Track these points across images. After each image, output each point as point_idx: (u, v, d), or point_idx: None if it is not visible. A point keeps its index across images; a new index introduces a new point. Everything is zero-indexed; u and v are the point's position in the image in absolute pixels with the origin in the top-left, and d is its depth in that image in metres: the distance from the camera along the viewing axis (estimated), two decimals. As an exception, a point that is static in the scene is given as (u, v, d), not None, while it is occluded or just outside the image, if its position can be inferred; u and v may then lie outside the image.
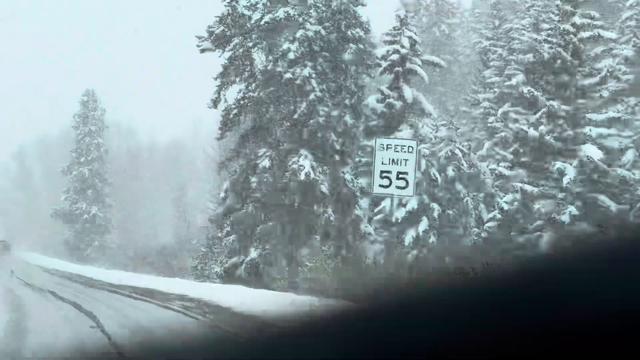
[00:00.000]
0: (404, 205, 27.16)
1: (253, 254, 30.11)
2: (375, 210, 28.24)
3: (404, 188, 15.39)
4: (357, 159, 30.67)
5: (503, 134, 37.24)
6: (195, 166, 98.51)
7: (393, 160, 15.21)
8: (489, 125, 41.47)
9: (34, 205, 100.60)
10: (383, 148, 15.32)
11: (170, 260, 49.08)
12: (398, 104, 31.39)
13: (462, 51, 62.26)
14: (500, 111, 40.12)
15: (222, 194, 31.53)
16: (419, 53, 32.07)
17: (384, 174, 15.28)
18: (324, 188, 28.02)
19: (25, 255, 63.92)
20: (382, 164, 15.28)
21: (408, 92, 31.29)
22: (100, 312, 16.45)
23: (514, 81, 38.89)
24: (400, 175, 15.24)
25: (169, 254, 51.10)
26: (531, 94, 27.18)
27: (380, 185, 15.60)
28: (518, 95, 37.34)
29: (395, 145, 15.35)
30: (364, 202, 30.17)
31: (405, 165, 15.22)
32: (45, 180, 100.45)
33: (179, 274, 47.23)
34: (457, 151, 27.78)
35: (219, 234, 34.23)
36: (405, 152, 15.19)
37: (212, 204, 45.70)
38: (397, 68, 31.48)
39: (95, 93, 67.02)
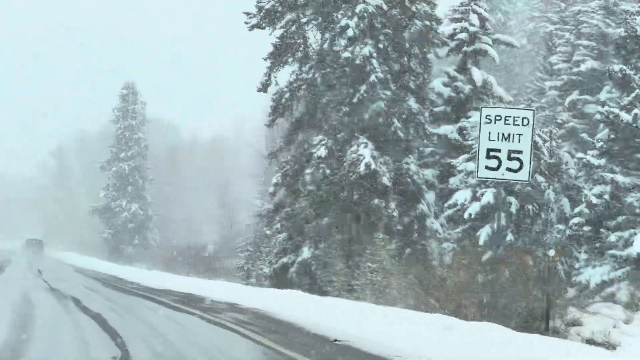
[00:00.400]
0: (478, 199, 24.06)
1: (306, 253, 27.24)
2: (446, 205, 25.12)
3: (516, 171, 12.29)
4: (422, 148, 27.59)
5: (572, 123, 34.06)
6: (238, 162, 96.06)
7: (503, 135, 12.10)
8: (556, 113, 38.16)
9: (72, 203, 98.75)
10: (490, 120, 12.21)
11: (214, 260, 46.42)
12: (466, 87, 28.29)
13: (517, 40, 58.85)
14: (568, 99, 36.78)
15: (272, 189, 28.65)
16: (490, 31, 28.91)
17: (492, 153, 12.18)
18: (386, 180, 25.05)
19: (60, 255, 61.62)
20: (489, 140, 12.17)
21: (477, 75, 28.17)
22: (129, 332, 13.31)
23: (583, 67, 35.67)
24: (513, 155, 12.15)
25: (212, 254, 48.47)
26: (623, 72, 23.90)
27: (487, 168, 12.50)
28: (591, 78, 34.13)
29: (507, 116, 12.20)
30: (430, 196, 27.13)
31: (519, 141, 12.12)
32: (84, 178, 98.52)
33: (223, 274, 44.62)
34: (537, 138, 24.55)
35: (267, 232, 31.41)
36: (519, 125, 12.06)
37: (258, 200, 42.89)
38: (465, 48, 28.38)
39: (135, 86, 64.67)
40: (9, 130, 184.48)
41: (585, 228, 24.33)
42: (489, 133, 12.12)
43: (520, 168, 12.22)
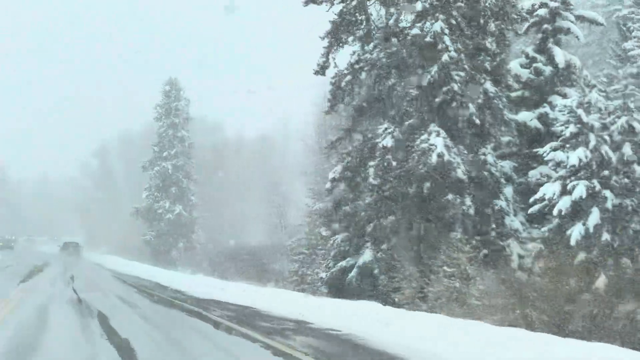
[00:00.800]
0: (569, 193, 20.98)
1: (367, 256, 24.43)
2: (531, 200, 22.03)
3: None
4: (499, 138, 24.52)
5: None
6: (287, 160, 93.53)
7: None
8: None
9: (115, 205, 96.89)
10: None
11: (264, 264, 43.76)
12: (547, 69, 25.20)
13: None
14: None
15: (328, 184, 25.83)
16: (571, 7, 25.78)
17: None
18: (461, 173, 22.09)
19: (101, 258, 59.58)
20: None
21: (560, 55, 25.08)
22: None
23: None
24: None
25: (263, 257, 45.82)
26: None
27: None
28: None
29: None
30: (508, 191, 24.09)
31: None
32: (127, 178, 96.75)
33: (274, 279, 41.98)
34: (635, 124, 21.39)
35: (324, 233, 28.62)
36: None
37: (309, 199, 40.14)
38: (545, 25, 25.28)
39: (178, 82, 62.39)
40: (52, 131, 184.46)
41: (696, 226, 21.10)
42: None
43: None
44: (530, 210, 22.26)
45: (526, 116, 24.91)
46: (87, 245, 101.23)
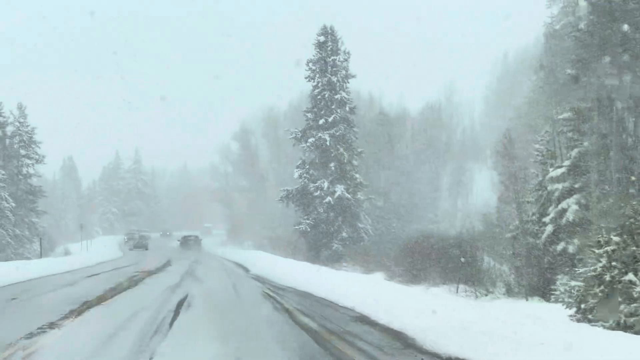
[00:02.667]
0: None
1: None
2: None
3: None
4: None
5: None
6: (454, 138, 79.54)
7: None
8: None
9: (259, 192, 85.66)
10: None
11: (472, 262, 29.89)
12: None
13: None
14: None
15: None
16: None
17: None
18: None
19: (243, 256, 47.41)
20: None
21: None
22: None
23: None
24: None
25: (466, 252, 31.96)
26: None
27: None
28: None
29: None
30: None
31: None
32: (273, 162, 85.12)
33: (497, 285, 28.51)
34: None
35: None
36: None
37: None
38: None
39: (335, 31, 49.30)
40: (190, 118, 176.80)
41: None
42: None
43: None
44: None
45: None
46: (229, 239, 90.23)
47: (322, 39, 48.95)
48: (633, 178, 23.40)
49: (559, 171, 28.17)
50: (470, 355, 9.91)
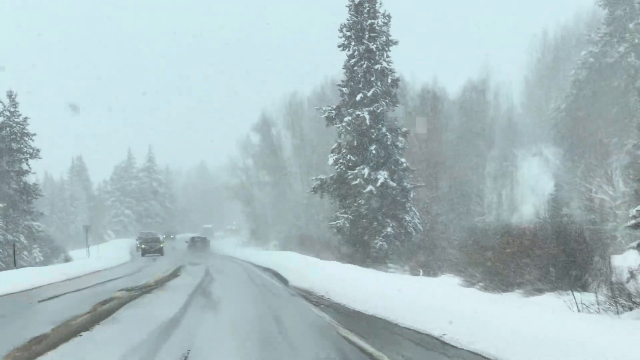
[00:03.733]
0: None
1: None
2: None
3: None
4: None
5: None
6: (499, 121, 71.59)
7: None
8: None
9: (284, 186, 78.26)
10: None
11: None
12: None
13: None
14: None
15: None
16: None
17: None
18: None
19: (270, 258, 39.36)
20: None
21: None
22: None
23: None
24: None
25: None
26: None
27: None
28: None
29: None
30: None
31: None
32: (298, 154, 77.65)
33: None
34: None
35: None
36: None
37: None
38: None
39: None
40: (205, 114, 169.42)
41: None
42: None
43: None
44: None
45: None
46: (252, 239, 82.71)
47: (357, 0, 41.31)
48: None
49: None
50: None
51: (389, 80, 40.98)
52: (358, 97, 40.60)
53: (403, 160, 41.17)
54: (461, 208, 49.62)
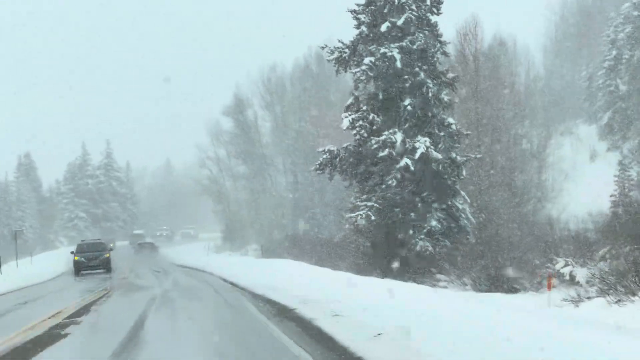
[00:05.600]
0: None
1: None
2: None
3: None
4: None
5: None
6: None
7: None
8: None
9: (263, 179, 64.83)
10: None
11: None
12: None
13: None
14: None
15: None
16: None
17: None
18: None
19: (256, 272, 24.49)
20: None
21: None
22: None
23: None
24: None
25: None
26: None
27: None
28: None
29: None
30: None
31: None
32: (279, 138, 64.21)
33: None
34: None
35: None
36: None
37: None
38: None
39: None
40: (168, 106, 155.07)
41: None
42: None
43: None
44: None
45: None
46: (227, 243, 68.73)
47: None
48: None
49: None
50: None
51: (428, 2, 27.71)
52: (383, 27, 27.27)
53: (451, 120, 27.90)
54: (518, 193, 36.37)
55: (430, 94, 27.19)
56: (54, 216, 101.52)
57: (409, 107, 26.94)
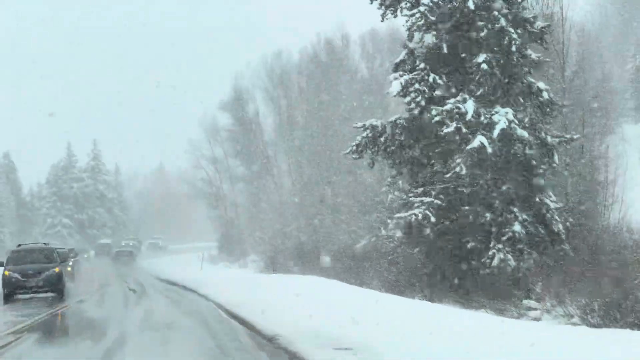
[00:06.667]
0: None
1: None
2: None
3: None
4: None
5: None
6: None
7: None
8: None
9: (266, 181, 57.19)
10: None
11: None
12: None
13: None
14: None
15: None
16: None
17: None
18: None
19: (283, 296, 16.81)
20: None
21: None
22: None
23: None
24: None
25: None
26: None
27: None
28: None
29: None
30: None
31: None
32: (283, 132, 56.42)
33: None
34: None
35: None
36: None
37: None
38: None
39: None
40: (162, 108, 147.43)
41: None
42: None
43: None
44: None
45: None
46: (223, 253, 60.58)
47: None
48: None
49: None
50: None
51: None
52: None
53: (542, 85, 20.13)
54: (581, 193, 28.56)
55: (513, 48, 19.44)
56: (34, 222, 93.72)
57: (484, 66, 19.13)
